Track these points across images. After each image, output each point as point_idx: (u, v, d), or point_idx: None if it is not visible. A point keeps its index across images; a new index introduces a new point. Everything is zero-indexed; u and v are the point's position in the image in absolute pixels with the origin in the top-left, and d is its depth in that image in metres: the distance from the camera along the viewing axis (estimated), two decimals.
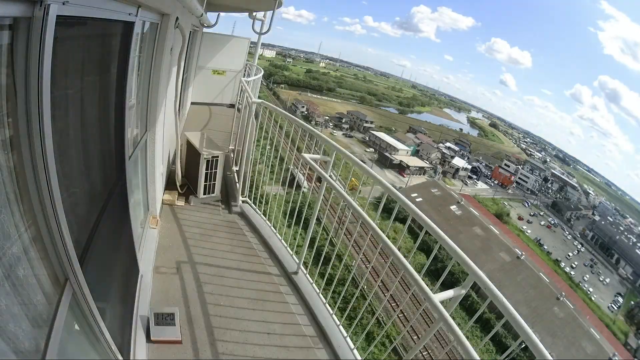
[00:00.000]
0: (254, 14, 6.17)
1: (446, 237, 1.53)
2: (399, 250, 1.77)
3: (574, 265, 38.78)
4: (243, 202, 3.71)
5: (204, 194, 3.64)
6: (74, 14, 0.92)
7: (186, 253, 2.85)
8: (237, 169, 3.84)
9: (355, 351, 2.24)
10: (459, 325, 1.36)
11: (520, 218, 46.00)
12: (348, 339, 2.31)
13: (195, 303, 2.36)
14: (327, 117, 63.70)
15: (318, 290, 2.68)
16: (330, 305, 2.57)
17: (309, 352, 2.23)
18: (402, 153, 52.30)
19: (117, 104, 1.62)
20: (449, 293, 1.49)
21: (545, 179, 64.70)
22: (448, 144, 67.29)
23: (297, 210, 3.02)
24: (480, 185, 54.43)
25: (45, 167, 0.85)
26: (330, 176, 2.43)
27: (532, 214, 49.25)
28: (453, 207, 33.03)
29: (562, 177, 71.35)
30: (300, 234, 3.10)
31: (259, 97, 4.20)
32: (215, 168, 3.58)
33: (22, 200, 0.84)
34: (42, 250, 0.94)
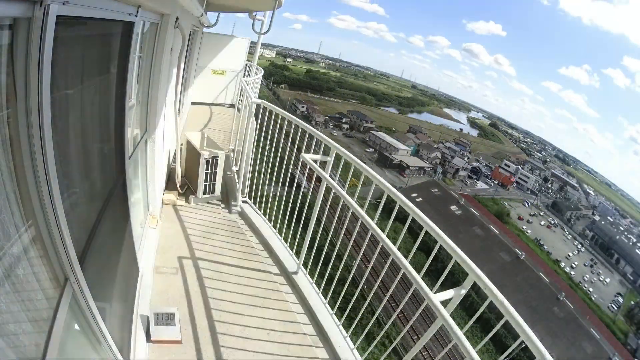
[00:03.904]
0: (254, 14, 6.18)
1: (446, 237, 1.53)
2: (399, 250, 1.77)
3: (574, 265, 38.79)
4: (243, 202, 3.71)
5: (204, 193, 3.64)
6: (74, 14, 0.92)
7: (186, 253, 2.85)
8: (237, 169, 3.84)
9: (355, 351, 2.24)
10: (459, 325, 1.36)
11: (520, 218, 46.02)
12: (348, 338, 2.31)
13: (195, 303, 2.36)
14: (327, 117, 63.66)
15: (318, 290, 2.68)
16: (330, 305, 2.58)
17: (309, 351, 2.23)
18: (402, 153, 52.30)
19: (117, 104, 1.62)
20: (449, 293, 1.49)
21: (545, 179, 64.70)
22: (448, 144, 67.33)
23: (297, 210, 3.02)
24: (480, 184, 54.43)
25: (45, 167, 0.84)
26: (330, 176, 2.43)
27: (532, 213, 49.25)
28: (453, 207, 33.07)
29: (562, 177, 71.36)
30: (300, 234, 3.10)
31: (259, 97, 4.20)
32: (215, 168, 3.58)
33: (22, 200, 0.84)
34: (42, 250, 0.94)
